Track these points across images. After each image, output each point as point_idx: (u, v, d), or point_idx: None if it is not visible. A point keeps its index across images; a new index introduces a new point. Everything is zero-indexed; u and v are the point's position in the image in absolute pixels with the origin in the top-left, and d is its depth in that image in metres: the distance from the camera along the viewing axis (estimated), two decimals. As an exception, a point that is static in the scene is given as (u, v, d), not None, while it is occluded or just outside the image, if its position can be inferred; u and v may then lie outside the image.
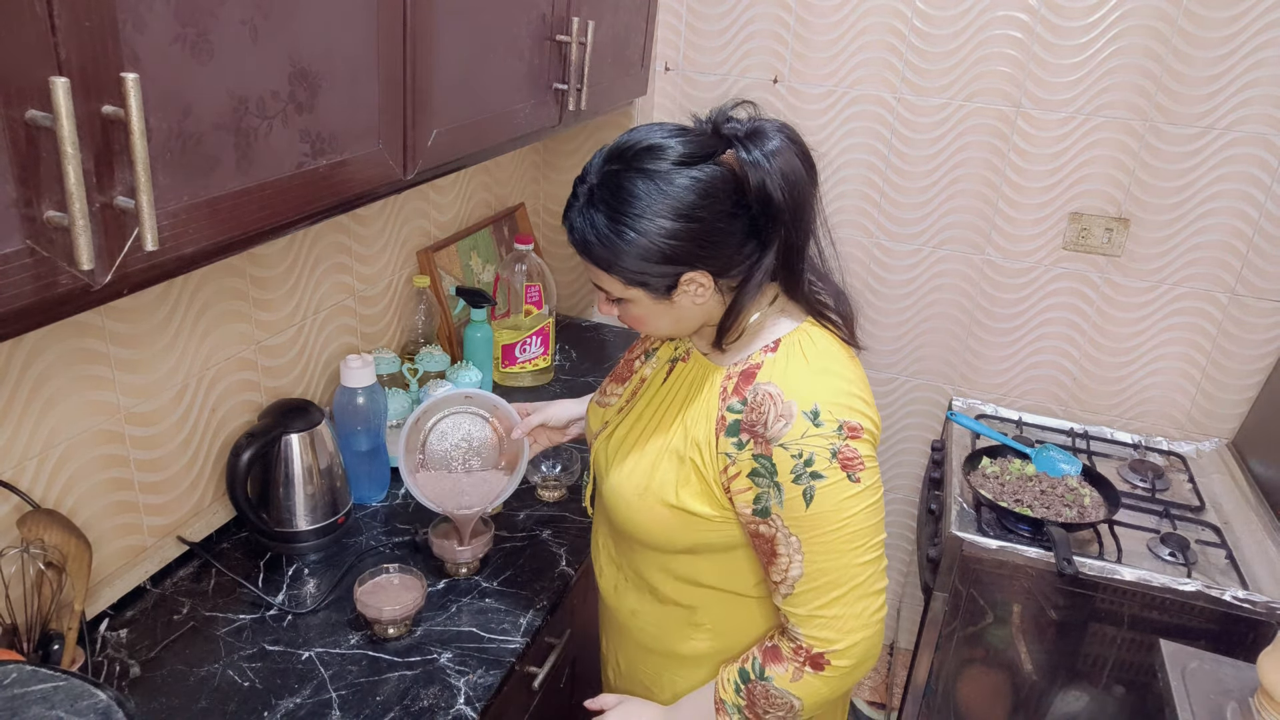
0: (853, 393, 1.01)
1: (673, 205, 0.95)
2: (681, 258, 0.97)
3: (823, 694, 1.05)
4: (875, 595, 1.03)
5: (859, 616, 1.02)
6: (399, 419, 1.63)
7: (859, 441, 0.98)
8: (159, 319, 1.28)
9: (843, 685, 1.06)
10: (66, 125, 0.65)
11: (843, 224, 2.22)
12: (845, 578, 1.01)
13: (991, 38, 1.96)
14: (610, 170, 0.98)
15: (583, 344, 2.29)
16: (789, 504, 0.98)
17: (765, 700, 1.06)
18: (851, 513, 0.99)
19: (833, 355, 1.04)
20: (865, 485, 0.99)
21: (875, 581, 1.03)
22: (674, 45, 2.19)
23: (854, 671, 1.05)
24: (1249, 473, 1.96)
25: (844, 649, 1.02)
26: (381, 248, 1.76)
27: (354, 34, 1.02)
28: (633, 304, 1.03)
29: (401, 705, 1.15)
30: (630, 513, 1.09)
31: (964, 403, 2.23)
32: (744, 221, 0.98)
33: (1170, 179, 1.95)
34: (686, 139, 0.97)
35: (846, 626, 1.02)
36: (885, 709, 2.45)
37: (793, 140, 0.98)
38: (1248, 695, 1.26)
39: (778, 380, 0.99)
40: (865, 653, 1.04)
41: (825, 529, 0.99)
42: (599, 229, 0.97)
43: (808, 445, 0.97)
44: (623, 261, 0.97)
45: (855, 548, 1.00)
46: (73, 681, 0.78)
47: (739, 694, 1.07)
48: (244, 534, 1.46)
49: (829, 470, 0.97)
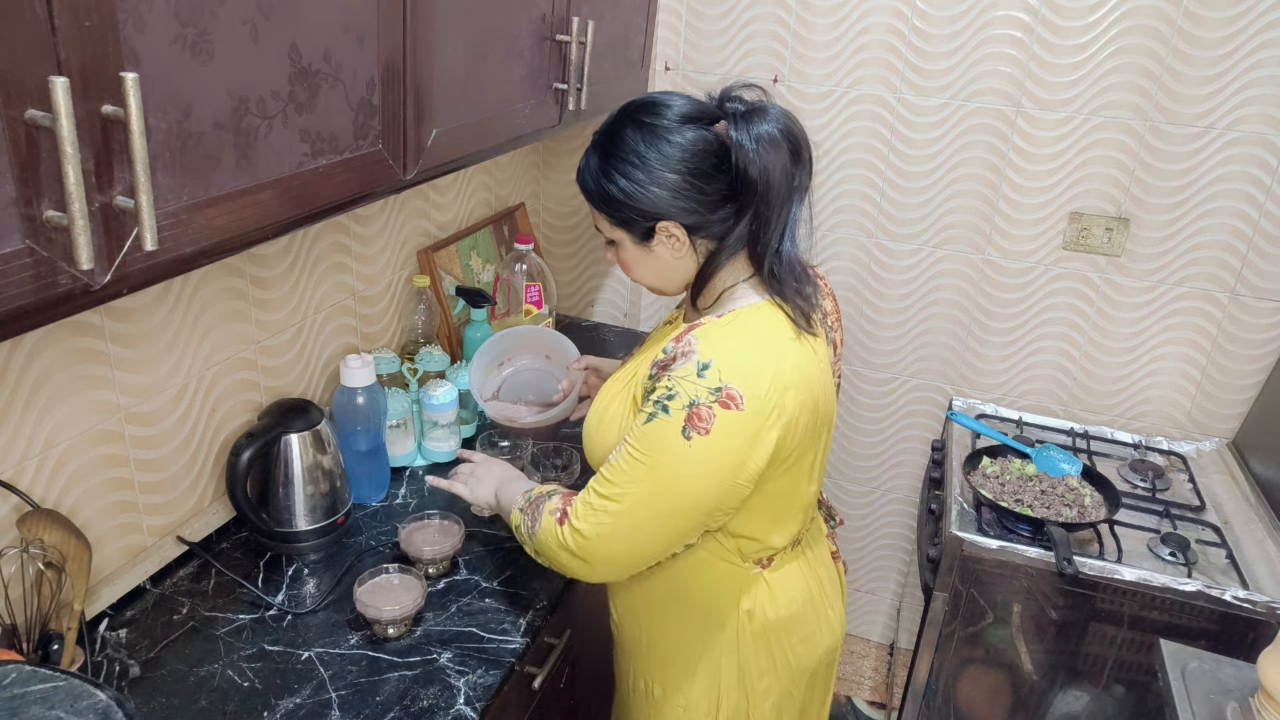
0: (764, 369, 1.03)
1: (658, 156, 1.05)
2: (659, 206, 1.07)
3: (547, 543, 1.14)
4: (631, 526, 1.06)
5: (605, 525, 1.07)
6: (399, 419, 1.63)
7: (727, 412, 1.01)
8: (159, 319, 1.28)
9: (556, 559, 1.14)
10: (66, 125, 0.65)
11: (843, 224, 2.22)
12: (620, 487, 1.06)
13: (991, 38, 1.96)
14: (615, 121, 1.10)
15: (583, 344, 2.28)
16: (639, 419, 1.06)
17: (533, 508, 1.18)
18: (662, 459, 1.02)
19: (769, 333, 1.08)
20: (694, 450, 1.01)
21: (641, 523, 1.06)
22: (674, 45, 2.19)
23: (569, 556, 1.11)
24: (1249, 473, 1.96)
25: (576, 529, 1.09)
26: (381, 248, 1.76)
27: (354, 34, 1.02)
28: (620, 247, 1.15)
29: (401, 705, 1.15)
30: (590, 444, 1.21)
31: (964, 403, 2.23)
32: (722, 185, 1.06)
33: (1170, 179, 1.95)
34: (688, 102, 1.09)
35: (591, 517, 1.08)
36: (885, 709, 2.45)
37: (788, 129, 1.05)
38: (1248, 695, 1.26)
39: (701, 336, 1.06)
40: (584, 550, 1.09)
41: (640, 451, 1.04)
42: (592, 170, 1.10)
43: (679, 385, 1.02)
44: (608, 202, 1.09)
45: (647, 481, 1.04)
46: (72, 681, 0.78)
47: (535, 495, 1.20)
48: (244, 534, 1.46)
49: (676, 413, 1.02)
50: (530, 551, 1.20)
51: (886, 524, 2.50)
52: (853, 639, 2.66)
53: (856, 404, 2.39)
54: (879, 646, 2.66)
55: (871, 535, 2.53)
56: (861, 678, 2.57)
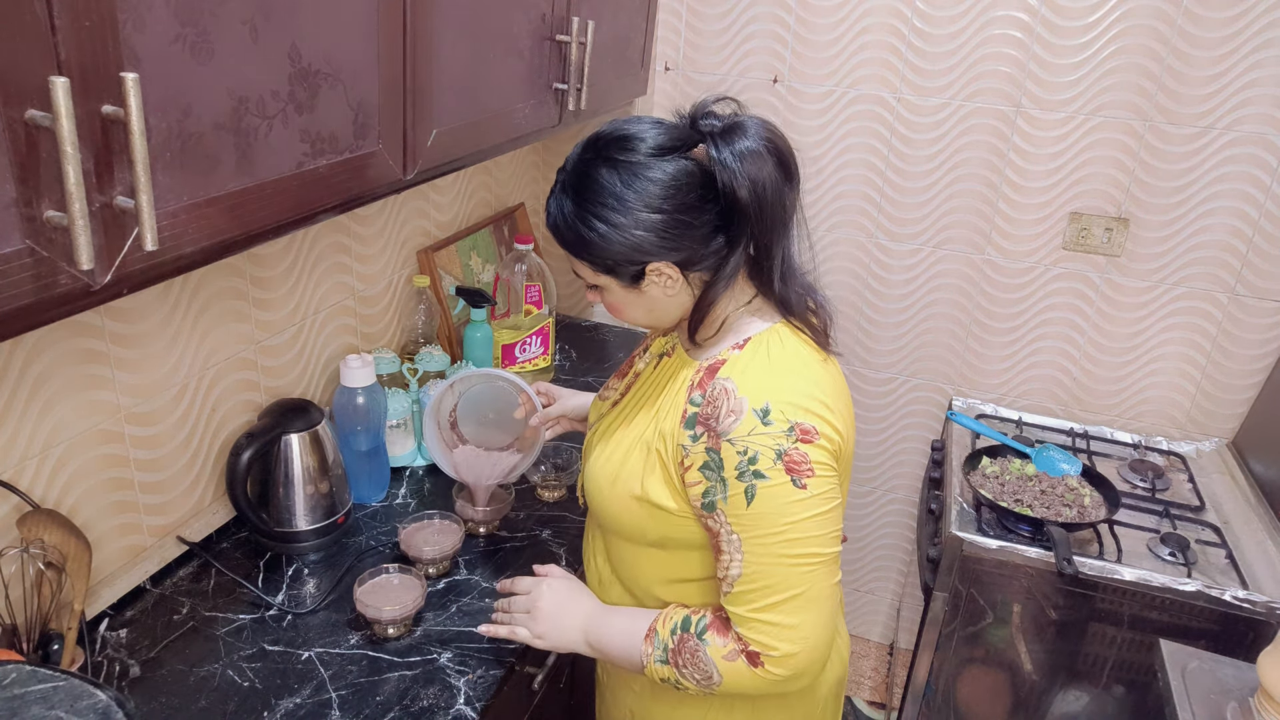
0: (813, 395, 0.98)
1: (637, 196, 0.96)
2: (645, 248, 0.98)
3: (747, 688, 1.02)
4: (819, 607, 0.99)
5: (798, 629, 0.98)
6: (399, 419, 1.63)
7: (811, 446, 0.96)
8: (159, 319, 1.28)
9: (772, 690, 1.02)
10: (66, 125, 0.65)
11: (842, 224, 2.22)
12: (785, 584, 0.97)
13: (991, 38, 1.96)
14: (584, 159, 1.00)
15: (583, 344, 2.29)
16: (732, 500, 0.97)
17: (691, 657, 1.03)
18: (795, 519, 0.96)
19: (799, 357, 1.02)
20: (813, 493, 0.96)
21: (821, 593, 0.99)
22: (674, 45, 2.19)
23: (788, 683, 1.01)
24: (1249, 473, 1.96)
25: (780, 658, 0.98)
26: (381, 248, 1.76)
27: (354, 34, 1.02)
28: (606, 291, 1.06)
29: (401, 705, 1.15)
30: (603, 501, 1.11)
31: (964, 402, 2.23)
32: (711, 216, 0.98)
33: (1170, 179, 1.95)
34: (661, 131, 0.99)
35: (785, 635, 0.98)
36: (885, 709, 2.45)
37: (770, 140, 0.97)
38: (1248, 695, 1.26)
39: (735, 376, 0.99)
40: (802, 667, 0.99)
41: (765, 530, 0.96)
42: (567, 216, 1.00)
43: (753, 443, 0.95)
44: (589, 249, 1.00)
45: (797, 555, 0.96)
46: (72, 681, 0.78)
47: (672, 635, 1.05)
48: (244, 534, 1.46)
49: (772, 471, 0.95)
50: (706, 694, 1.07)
51: (886, 524, 2.50)
52: (853, 639, 2.66)
53: (856, 404, 2.39)
54: (879, 646, 2.66)
55: (871, 535, 2.53)
56: (861, 678, 2.57)
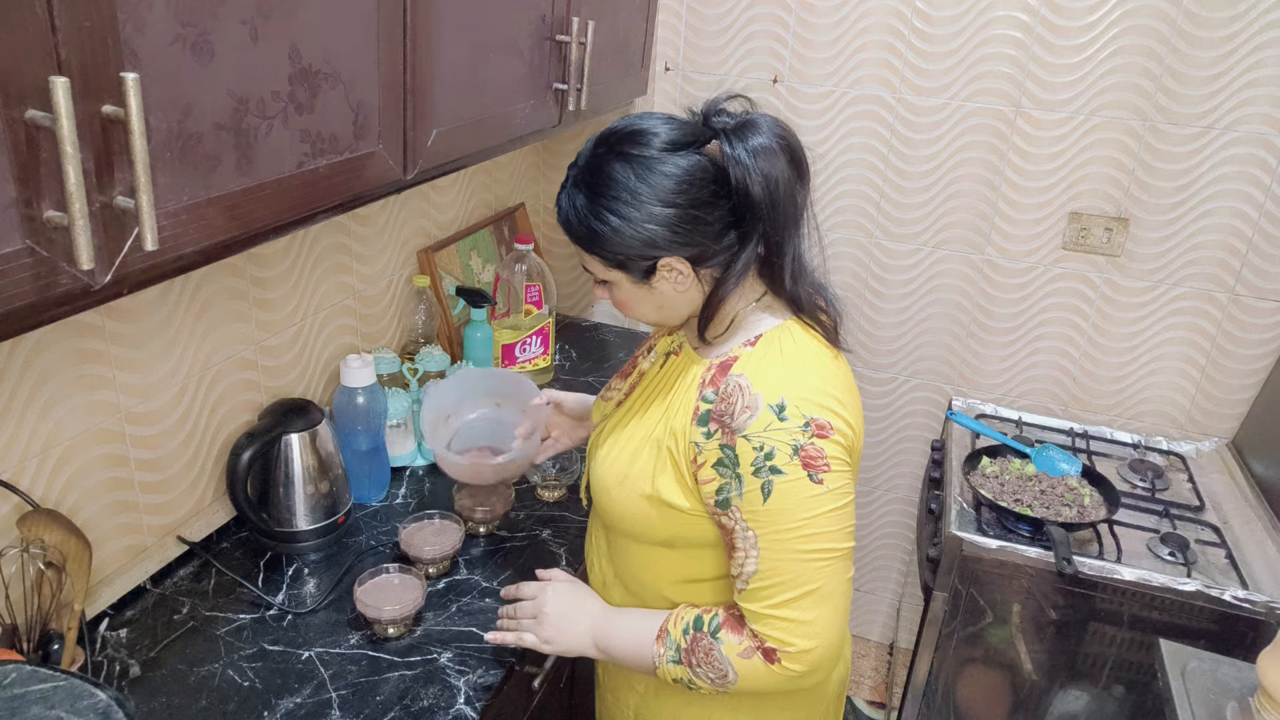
0: (827, 391, 0.99)
1: (650, 190, 0.97)
2: (658, 243, 0.98)
3: (763, 685, 1.02)
4: (834, 603, 0.99)
5: (814, 624, 0.98)
6: (399, 419, 1.63)
7: (826, 441, 0.96)
8: (159, 319, 1.28)
9: (788, 686, 1.02)
10: (66, 125, 0.65)
11: (842, 224, 2.22)
12: (801, 580, 0.98)
13: (991, 38, 1.96)
14: (596, 154, 1.00)
15: (583, 344, 2.29)
16: (748, 497, 0.97)
17: (705, 656, 1.03)
18: (811, 514, 0.96)
19: (811, 353, 1.02)
20: (829, 488, 0.96)
21: (836, 588, 0.99)
22: (674, 45, 2.19)
23: (803, 678, 1.01)
24: (1249, 472, 1.96)
25: (797, 653, 0.99)
26: (381, 248, 1.76)
27: (354, 34, 1.02)
28: (616, 286, 1.06)
29: (401, 705, 1.15)
30: (610, 501, 1.10)
31: (964, 402, 2.23)
32: (723, 212, 0.98)
33: (1170, 179, 1.95)
34: (673, 127, 1.00)
35: (801, 631, 0.98)
36: (885, 709, 2.45)
37: (783, 138, 0.97)
38: (1248, 695, 1.26)
39: (749, 373, 0.99)
40: (817, 662, 1.00)
41: (782, 526, 0.97)
42: (579, 210, 1.00)
43: (770, 439, 0.95)
44: (600, 243, 1.00)
45: (813, 550, 0.97)
46: (73, 681, 0.78)
47: (685, 635, 1.05)
48: (244, 534, 1.46)
49: (789, 467, 0.95)
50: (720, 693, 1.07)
51: (886, 524, 2.50)
52: (853, 638, 2.65)
53: (856, 404, 2.39)
54: (879, 646, 2.66)
55: (871, 535, 2.53)
56: (861, 677, 2.57)
